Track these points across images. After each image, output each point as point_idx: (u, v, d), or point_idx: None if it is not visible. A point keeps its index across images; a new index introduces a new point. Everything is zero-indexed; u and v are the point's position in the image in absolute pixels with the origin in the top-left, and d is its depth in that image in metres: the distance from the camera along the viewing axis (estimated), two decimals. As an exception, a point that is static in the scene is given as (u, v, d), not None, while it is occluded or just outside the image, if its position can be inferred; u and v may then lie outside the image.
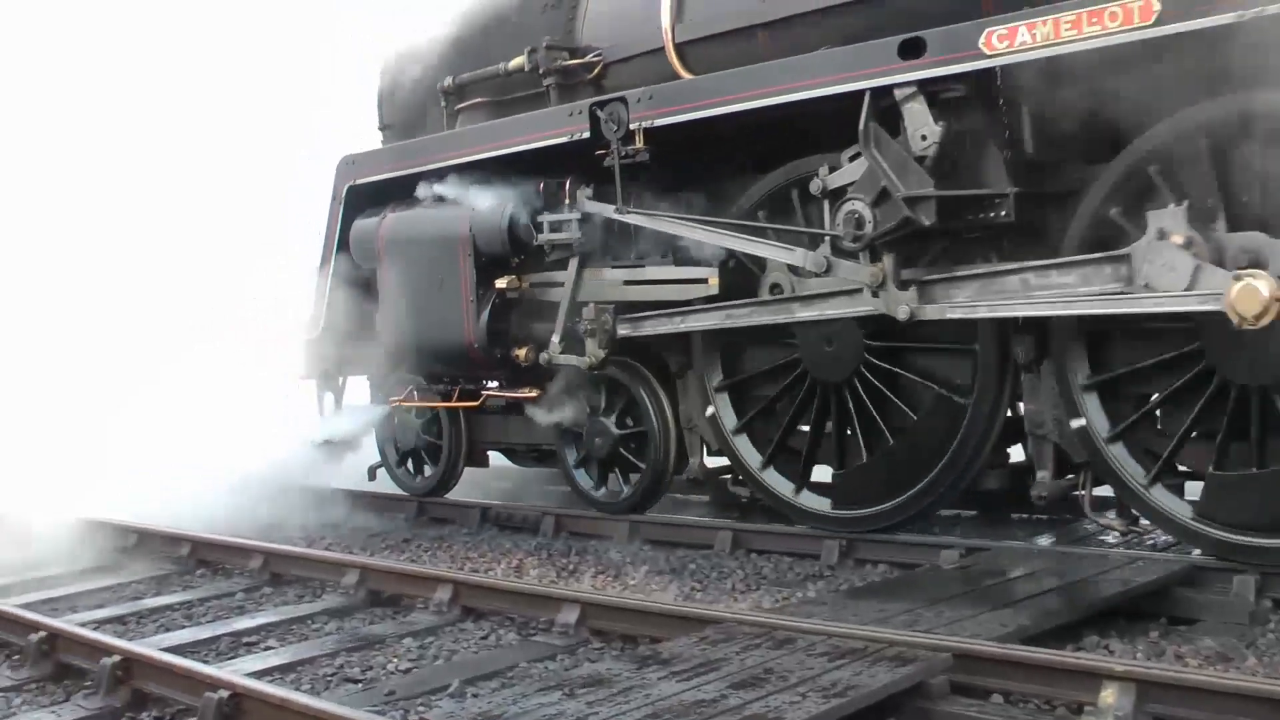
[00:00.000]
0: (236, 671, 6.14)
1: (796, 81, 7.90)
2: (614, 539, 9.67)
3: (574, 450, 10.30)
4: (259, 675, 6.16)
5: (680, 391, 9.59)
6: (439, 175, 10.21)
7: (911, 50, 7.32)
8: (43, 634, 7.00)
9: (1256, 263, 6.41)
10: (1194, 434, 7.23)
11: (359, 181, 10.94)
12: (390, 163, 10.83)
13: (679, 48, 9.19)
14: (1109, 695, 5.04)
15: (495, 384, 10.81)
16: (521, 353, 9.99)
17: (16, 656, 7.17)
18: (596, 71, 9.85)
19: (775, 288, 8.40)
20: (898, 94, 7.42)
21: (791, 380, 8.90)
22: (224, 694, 5.54)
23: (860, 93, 7.53)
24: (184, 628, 7.80)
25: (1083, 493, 7.72)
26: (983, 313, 7.48)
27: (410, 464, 11.75)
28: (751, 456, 9.20)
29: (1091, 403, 7.48)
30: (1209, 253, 6.55)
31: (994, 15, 7.05)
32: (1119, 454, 7.42)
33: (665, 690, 5.03)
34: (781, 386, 9.00)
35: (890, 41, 7.43)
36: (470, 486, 11.82)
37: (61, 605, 8.56)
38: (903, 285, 7.66)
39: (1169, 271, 6.55)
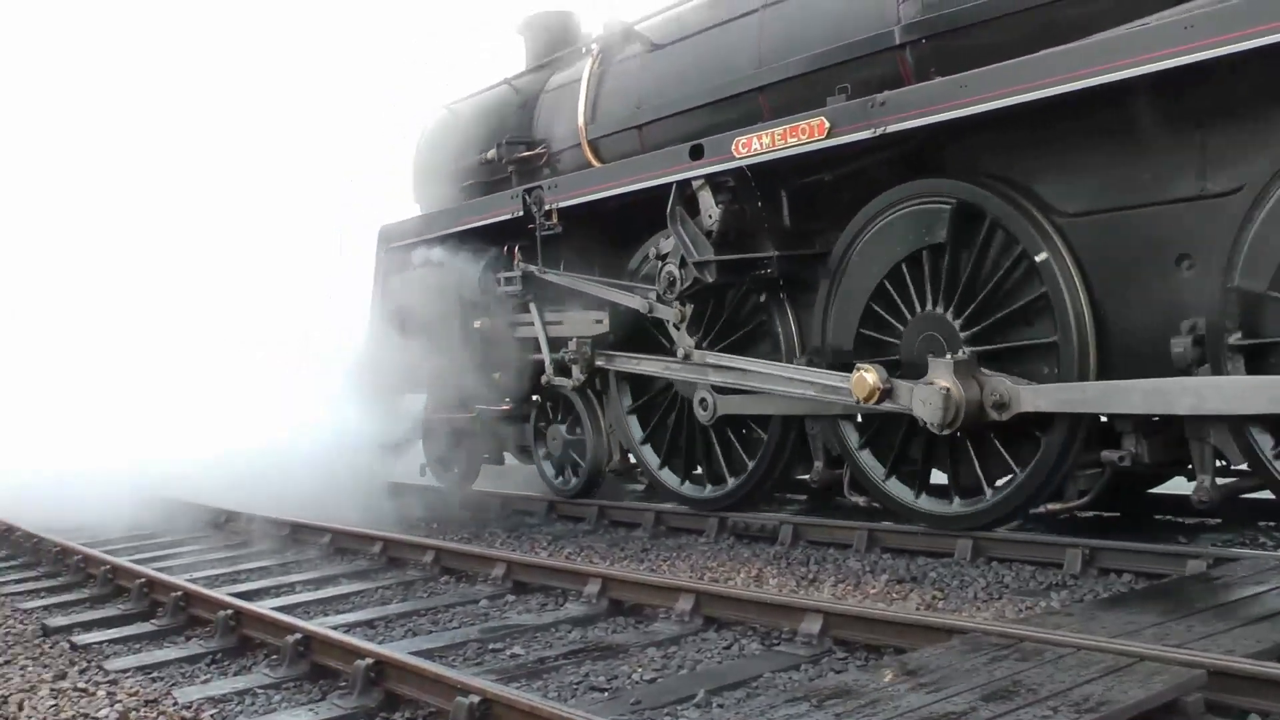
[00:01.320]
0: (485, 677, 6.31)
1: (632, 176, 11.00)
2: (852, 547, 9.65)
3: (542, 448, 13.22)
4: (505, 681, 6.33)
5: (604, 409, 12.53)
6: (440, 241, 13.74)
7: (697, 153, 10.18)
8: (298, 636, 7.36)
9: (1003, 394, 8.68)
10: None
11: (391, 245, 14.73)
12: (412, 233, 14.46)
13: (591, 143, 12.40)
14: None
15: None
16: (497, 375, 13.32)
17: (274, 656, 7.57)
18: (544, 160, 13.08)
19: (686, 355, 11.04)
20: (694, 184, 10.34)
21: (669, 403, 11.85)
22: (474, 699, 5.72)
23: (667, 186, 10.46)
24: (430, 632, 8.09)
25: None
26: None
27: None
28: (652, 460, 12.05)
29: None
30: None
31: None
32: (865, 457, 10.00)
33: (914, 702, 5.00)
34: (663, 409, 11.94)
35: (684, 147, 10.34)
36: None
37: (313, 609, 9.00)
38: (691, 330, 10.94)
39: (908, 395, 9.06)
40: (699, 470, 11.61)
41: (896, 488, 9.77)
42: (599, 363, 12.11)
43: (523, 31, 14.35)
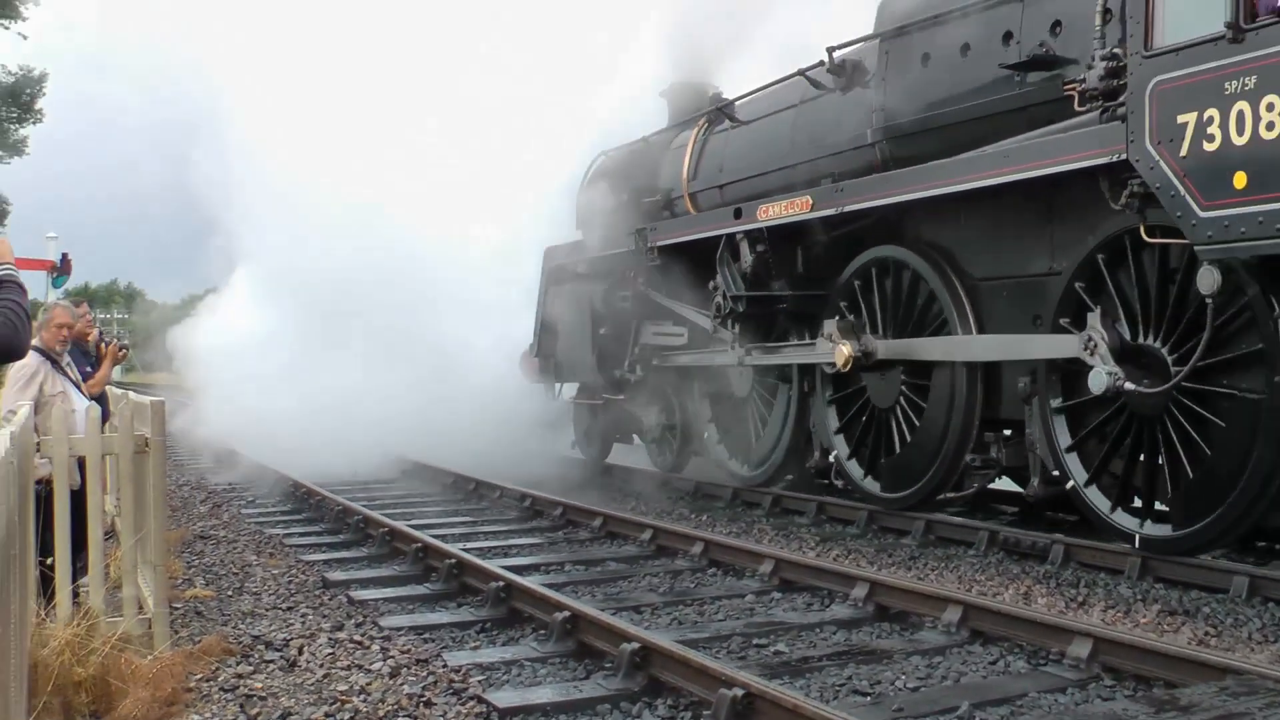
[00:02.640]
0: (749, 671, 6.35)
1: (700, 227, 14.61)
2: (1124, 574, 9.33)
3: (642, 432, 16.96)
4: (768, 677, 6.36)
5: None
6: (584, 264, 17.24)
7: (737, 214, 13.61)
8: (566, 614, 7.56)
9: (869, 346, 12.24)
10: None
11: (553, 263, 18.29)
12: (564, 255, 17.97)
13: (690, 195, 15.69)
14: None
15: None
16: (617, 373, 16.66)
17: (542, 631, 7.80)
18: (664, 205, 16.18)
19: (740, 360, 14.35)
20: (736, 237, 13.65)
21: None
22: (738, 692, 5.77)
23: (719, 237, 13.98)
24: (696, 623, 8.19)
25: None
26: (770, 360, 13.94)
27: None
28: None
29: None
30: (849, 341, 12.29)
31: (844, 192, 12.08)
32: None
33: (1190, 741, 4.82)
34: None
35: (730, 209, 13.86)
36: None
37: (582, 590, 9.21)
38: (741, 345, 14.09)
39: (826, 346, 12.45)
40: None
41: None
42: (668, 364, 16.00)
43: (665, 95, 17.44)
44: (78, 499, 7.28)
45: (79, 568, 7.38)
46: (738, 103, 15.16)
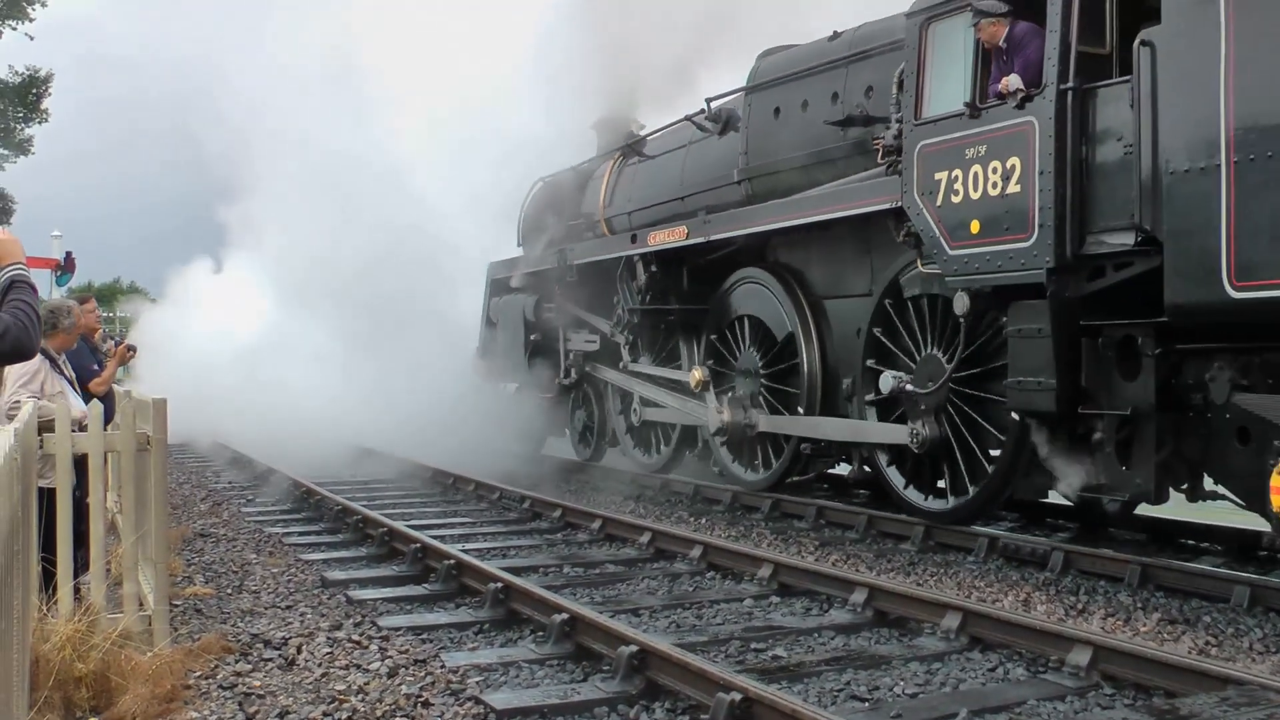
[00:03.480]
0: (747, 675, 6.42)
1: (605, 250, 16.76)
2: (1124, 581, 9.38)
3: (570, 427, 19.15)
4: (766, 682, 6.42)
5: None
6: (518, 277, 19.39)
7: (634, 240, 15.85)
8: (565, 616, 7.63)
9: (752, 419, 14.37)
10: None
11: (495, 276, 20.43)
12: (503, 269, 20.10)
13: (606, 220, 17.76)
14: None
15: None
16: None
17: (540, 633, 7.85)
18: (584, 227, 18.28)
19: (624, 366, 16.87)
20: (635, 259, 15.87)
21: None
22: (736, 696, 5.83)
23: (620, 258, 16.18)
24: (694, 626, 8.25)
25: None
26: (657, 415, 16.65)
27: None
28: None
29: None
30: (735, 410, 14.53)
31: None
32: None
33: (1188, 750, 4.88)
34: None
35: (628, 235, 16.22)
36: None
37: (581, 592, 9.28)
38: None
39: (712, 409, 14.72)
40: None
41: None
42: (587, 369, 17.96)
43: (594, 128, 19.16)
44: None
45: (80, 564, 7.44)
46: (649, 139, 17.58)
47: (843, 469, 14.25)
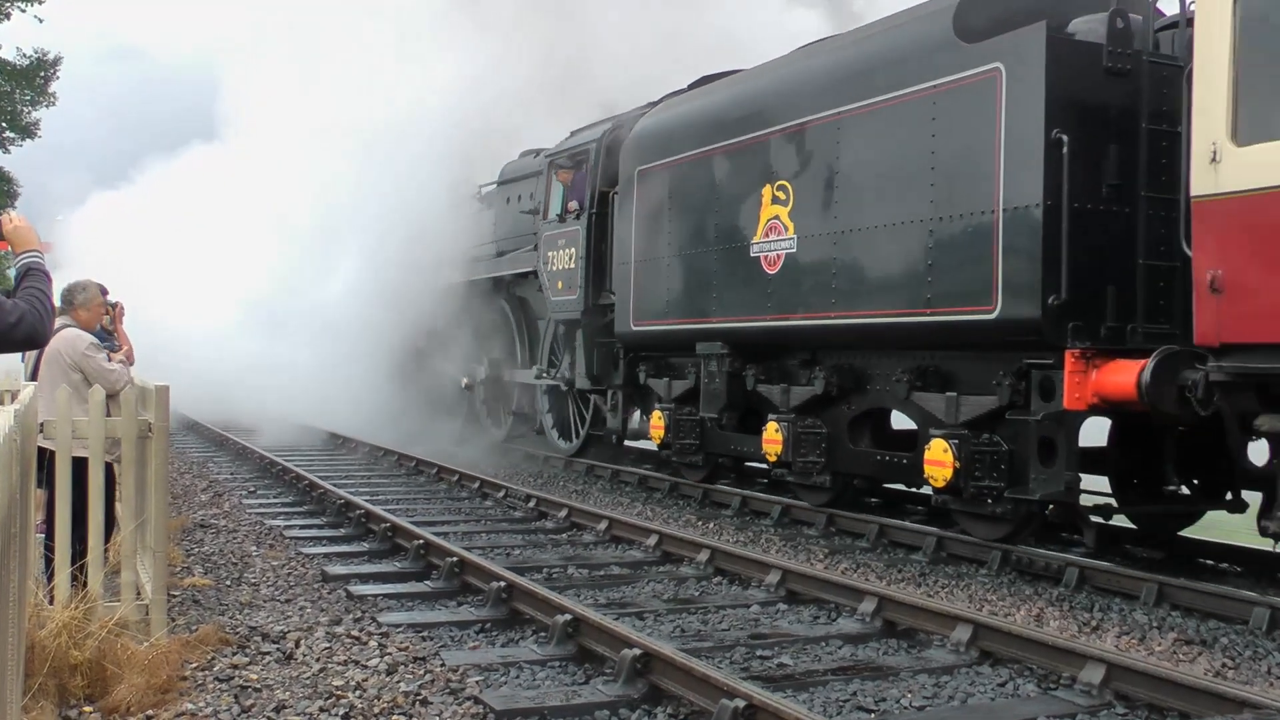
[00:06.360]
0: (752, 682, 6.50)
1: (478, 275, 22.85)
2: (1140, 599, 9.41)
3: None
4: (772, 689, 6.51)
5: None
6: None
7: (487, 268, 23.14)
8: (568, 617, 7.70)
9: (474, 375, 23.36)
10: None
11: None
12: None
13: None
14: None
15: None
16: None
17: (543, 634, 7.94)
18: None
19: None
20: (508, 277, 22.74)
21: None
22: (740, 703, 5.91)
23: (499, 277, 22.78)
24: (699, 631, 8.32)
25: None
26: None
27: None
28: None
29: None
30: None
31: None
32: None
33: (1199, 770, 4.94)
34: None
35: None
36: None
37: (585, 594, 9.37)
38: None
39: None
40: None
41: None
42: None
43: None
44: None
45: (79, 550, 7.54)
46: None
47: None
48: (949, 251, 10.85)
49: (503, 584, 8.73)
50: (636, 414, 17.83)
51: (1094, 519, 10.72)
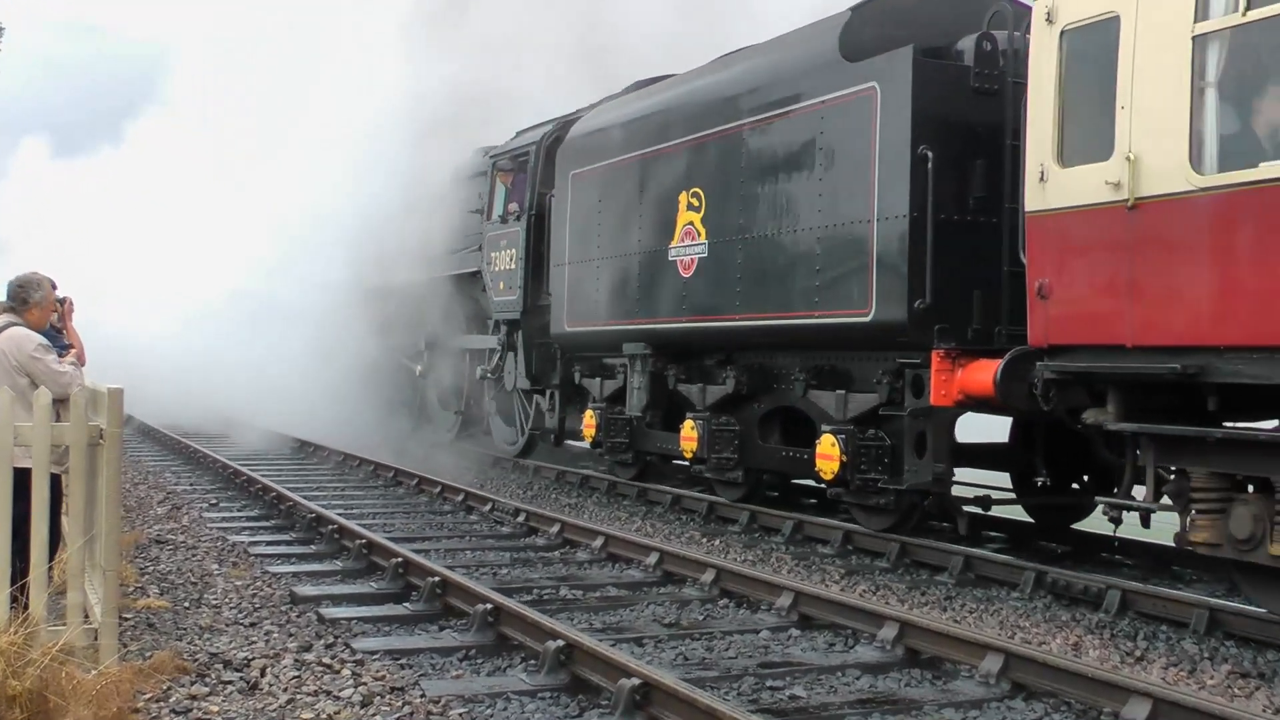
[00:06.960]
0: (761, 716, 6.02)
1: (436, 273, 22.89)
2: (1189, 627, 8.93)
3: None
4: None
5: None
6: None
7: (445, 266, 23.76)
8: (561, 643, 7.27)
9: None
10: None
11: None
12: None
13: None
14: None
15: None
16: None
17: (533, 661, 7.50)
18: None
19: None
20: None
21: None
22: (750, 741, 5.40)
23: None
24: (704, 659, 7.88)
25: None
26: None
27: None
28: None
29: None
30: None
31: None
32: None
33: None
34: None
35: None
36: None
37: (579, 617, 8.92)
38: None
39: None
40: None
41: None
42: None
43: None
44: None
45: (20, 569, 7.03)
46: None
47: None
48: (834, 258, 12.02)
49: (489, 606, 8.30)
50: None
51: (967, 510, 11.77)
